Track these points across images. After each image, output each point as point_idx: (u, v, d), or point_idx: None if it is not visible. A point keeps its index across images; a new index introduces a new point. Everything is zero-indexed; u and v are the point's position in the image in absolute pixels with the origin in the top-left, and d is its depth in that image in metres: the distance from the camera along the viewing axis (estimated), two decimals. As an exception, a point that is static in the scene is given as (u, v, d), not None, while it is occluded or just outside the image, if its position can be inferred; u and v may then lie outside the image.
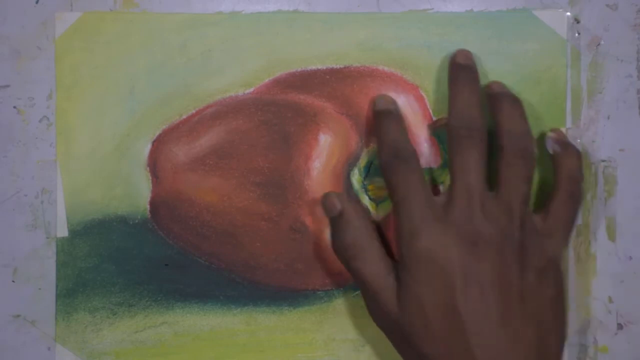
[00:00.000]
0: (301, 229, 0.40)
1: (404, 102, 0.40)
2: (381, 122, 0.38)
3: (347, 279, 0.40)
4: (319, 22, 0.40)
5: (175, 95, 0.40)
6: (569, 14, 0.40)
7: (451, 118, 0.36)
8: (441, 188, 0.40)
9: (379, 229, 0.38)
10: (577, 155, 0.37)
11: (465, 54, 0.38)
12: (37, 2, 0.40)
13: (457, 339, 0.32)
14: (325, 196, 0.38)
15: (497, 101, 0.37)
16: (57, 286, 0.40)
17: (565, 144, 0.38)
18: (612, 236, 0.40)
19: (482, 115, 0.36)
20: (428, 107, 0.40)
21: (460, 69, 0.38)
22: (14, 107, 0.40)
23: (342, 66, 0.40)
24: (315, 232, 0.40)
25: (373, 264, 0.35)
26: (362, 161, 0.40)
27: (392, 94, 0.40)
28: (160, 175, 0.40)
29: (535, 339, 0.33)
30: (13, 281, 0.40)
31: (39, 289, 0.40)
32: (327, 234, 0.40)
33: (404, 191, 0.35)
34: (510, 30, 0.40)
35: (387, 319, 0.35)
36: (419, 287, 0.33)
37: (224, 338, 0.40)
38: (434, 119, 0.40)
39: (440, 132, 0.40)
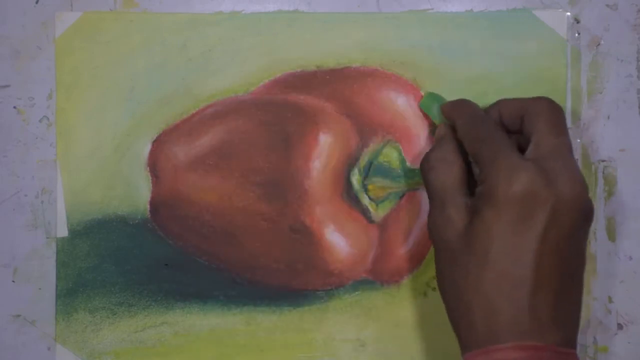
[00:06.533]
0: (301, 229, 0.40)
1: (404, 102, 0.40)
2: (457, 105, 0.38)
3: (347, 278, 0.40)
4: (319, 22, 0.40)
5: (175, 95, 0.40)
6: (569, 14, 0.40)
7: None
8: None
9: None
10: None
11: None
12: (37, 2, 0.40)
13: (518, 287, 0.32)
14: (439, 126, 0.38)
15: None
16: (57, 286, 0.40)
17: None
18: (612, 236, 0.40)
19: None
20: (428, 107, 0.40)
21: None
22: (14, 107, 0.40)
23: (342, 66, 0.40)
24: (315, 232, 0.40)
25: (451, 178, 0.35)
26: (362, 161, 0.40)
27: (392, 94, 0.40)
28: (160, 175, 0.40)
29: (579, 299, 0.34)
30: (13, 281, 0.40)
31: (39, 289, 0.40)
32: (327, 234, 0.40)
33: (495, 141, 0.34)
34: (510, 30, 0.40)
35: (445, 236, 0.34)
36: (500, 223, 0.32)
37: (224, 338, 0.40)
38: (434, 119, 0.40)
39: (440, 132, 0.40)
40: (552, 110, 0.35)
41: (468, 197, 0.35)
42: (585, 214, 0.33)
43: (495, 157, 0.33)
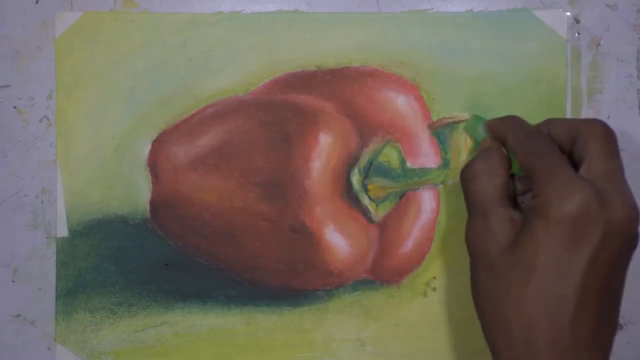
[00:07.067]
0: (301, 229, 0.40)
1: (404, 102, 0.40)
2: (507, 120, 0.38)
3: (347, 278, 0.40)
4: (319, 22, 0.40)
5: (175, 95, 0.40)
6: (569, 14, 0.40)
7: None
8: (440, 188, 0.40)
9: None
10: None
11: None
12: (37, 2, 0.40)
13: (559, 306, 0.32)
14: (486, 141, 0.38)
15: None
16: (57, 286, 0.40)
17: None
18: (612, 236, 0.40)
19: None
20: (427, 107, 0.40)
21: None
22: (14, 107, 0.40)
23: (342, 66, 0.40)
24: (315, 232, 0.40)
25: (493, 188, 0.35)
26: (362, 161, 0.40)
27: (392, 94, 0.40)
28: (160, 175, 0.40)
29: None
30: (13, 281, 0.40)
31: (39, 289, 0.40)
32: (327, 234, 0.40)
33: (552, 155, 0.34)
34: (510, 30, 0.40)
35: (486, 248, 0.34)
36: (550, 240, 0.32)
37: (223, 338, 0.40)
38: (434, 119, 0.40)
39: (440, 132, 0.40)
40: (606, 133, 0.34)
41: (512, 210, 0.34)
42: (634, 239, 0.33)
43: (552, 172, 0.33)
